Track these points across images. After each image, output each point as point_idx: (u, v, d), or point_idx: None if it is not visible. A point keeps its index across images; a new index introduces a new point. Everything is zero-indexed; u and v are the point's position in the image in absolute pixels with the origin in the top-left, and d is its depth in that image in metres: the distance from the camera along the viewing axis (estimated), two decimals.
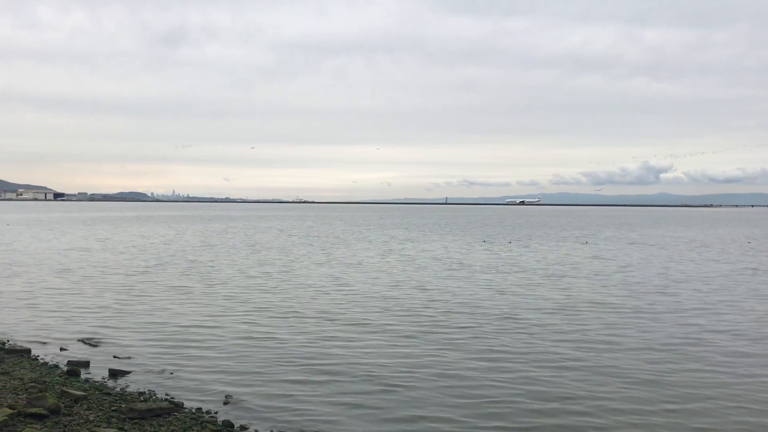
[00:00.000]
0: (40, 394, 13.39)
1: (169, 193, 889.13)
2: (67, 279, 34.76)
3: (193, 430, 12.46)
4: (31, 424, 11.90)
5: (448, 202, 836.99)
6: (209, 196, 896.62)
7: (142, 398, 14.46)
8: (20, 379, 15.31)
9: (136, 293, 29.93)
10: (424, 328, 22.56)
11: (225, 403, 14.50)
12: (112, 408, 13.41)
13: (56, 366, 17.14)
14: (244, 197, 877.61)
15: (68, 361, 17.45)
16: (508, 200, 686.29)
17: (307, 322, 23.45)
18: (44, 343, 19.79)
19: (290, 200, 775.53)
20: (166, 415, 13.18)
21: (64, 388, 14.27)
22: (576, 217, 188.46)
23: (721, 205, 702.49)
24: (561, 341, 20.71)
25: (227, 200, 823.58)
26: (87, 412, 13.01)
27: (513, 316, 24.81)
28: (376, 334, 21.58)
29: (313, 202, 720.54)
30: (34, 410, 12.45)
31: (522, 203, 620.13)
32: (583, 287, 33.10)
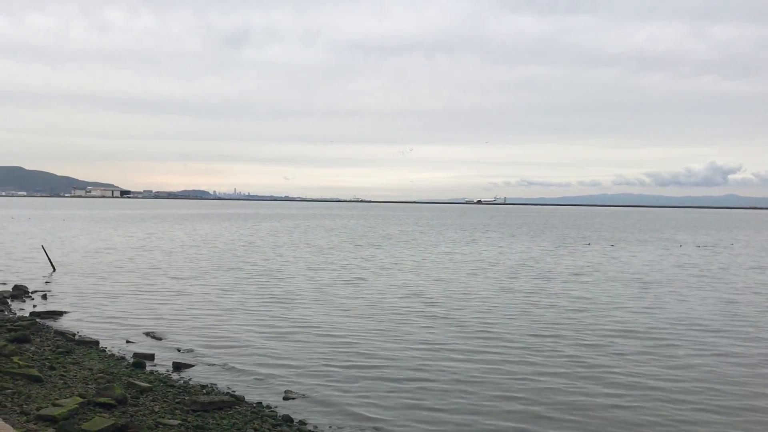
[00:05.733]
0: (108, 384, 13.81)
1: (231, 192, 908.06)
2: (133, 275, 35.83)
3: (253, 423, 12.60)
4: (100, 413, 12.26)
5: (507, 202, 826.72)
6: (269, 194, 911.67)
7: (204, 391, 14.73)
8: (89, 369, 15.83)
9: (200, 290, 30.62)
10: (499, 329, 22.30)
11: (285, 399, 14.62)
12: (176, 400, 13.71)
13: (123, 358, 17.65)
14: (303, 196, 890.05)
15: (134, 354, 17.95)
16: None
17: (370, 323, 23.48)
18: (111, 336, 20.42)
19: (348, 199, 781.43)
20: (228, 409, 13.39)
21: (131, 380, 14.68)
22: (644, 219, 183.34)
23: None
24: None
25: (287, 199, 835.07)
26: (152, 404, 13.33)
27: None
28: (444, 335, 21.45)
29: (371, 202, 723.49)
30: (102, 399, 12.84)
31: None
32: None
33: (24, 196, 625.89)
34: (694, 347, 19.88)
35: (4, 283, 31.13)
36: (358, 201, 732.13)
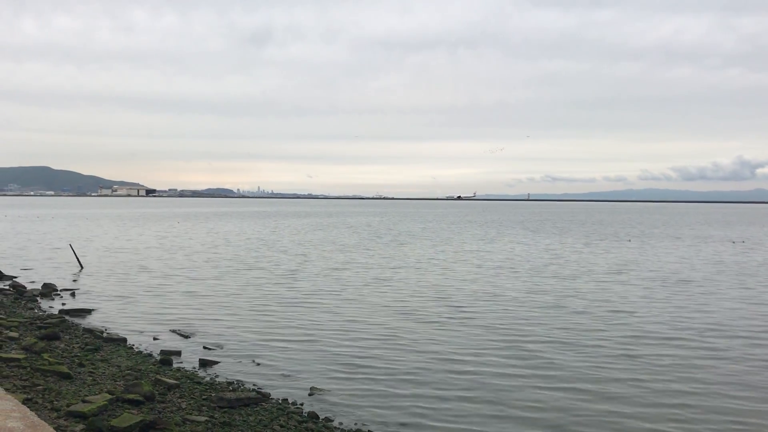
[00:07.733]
0: (136, 381, 13.94)
1: (255, 190, 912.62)
2: (159, 273, 36.18)
3: (279, 420, 12.64)
4: (129, 409, 12.38)
5: (531, 198, 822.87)
6: (292, 192, 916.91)
7: (230, 388, 14.81)
8: (117, 366, 16.00)
9: (224, 288, 30.82)
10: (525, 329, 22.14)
11: (310, 395, 14.65)
12: (203, 397, 13.80)
13: (150, 355, 17.82)
14: (326, 193, 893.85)
15: (161, 351, 18.10)
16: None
17: (395, 322, 23.48)
18: (138, 333, 20.62)
19: (370, 196, 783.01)
20: (254, 405, 13.45)
21: (158, 376, 14.80)
22: (672, 215, 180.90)
23: None
24: None
25: (310, 196, 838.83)
26: (179, 400, 13.43)
27: None
28: (464, 333, 21.35)
29: (393, 198, 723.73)
30: (130, 396, 12.96)
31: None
32: None
33: (51, 195, 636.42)
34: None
35: (33, 282, 31.63)
36: (380, 198, 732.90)
